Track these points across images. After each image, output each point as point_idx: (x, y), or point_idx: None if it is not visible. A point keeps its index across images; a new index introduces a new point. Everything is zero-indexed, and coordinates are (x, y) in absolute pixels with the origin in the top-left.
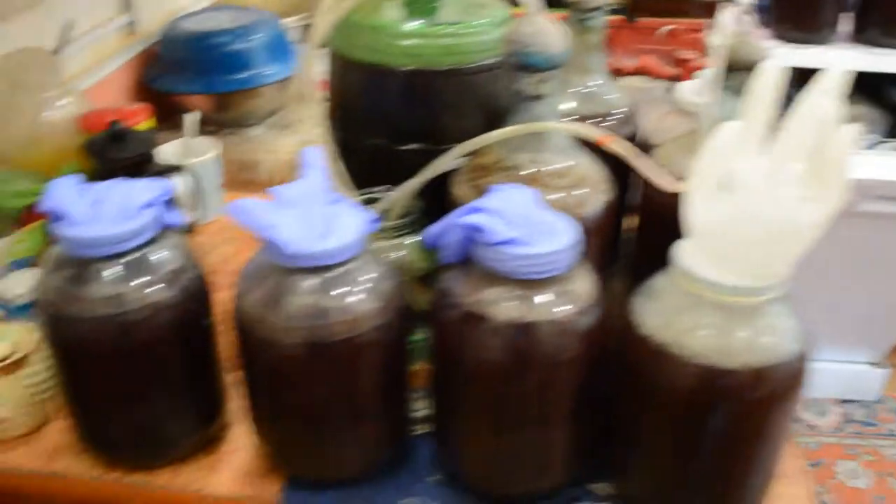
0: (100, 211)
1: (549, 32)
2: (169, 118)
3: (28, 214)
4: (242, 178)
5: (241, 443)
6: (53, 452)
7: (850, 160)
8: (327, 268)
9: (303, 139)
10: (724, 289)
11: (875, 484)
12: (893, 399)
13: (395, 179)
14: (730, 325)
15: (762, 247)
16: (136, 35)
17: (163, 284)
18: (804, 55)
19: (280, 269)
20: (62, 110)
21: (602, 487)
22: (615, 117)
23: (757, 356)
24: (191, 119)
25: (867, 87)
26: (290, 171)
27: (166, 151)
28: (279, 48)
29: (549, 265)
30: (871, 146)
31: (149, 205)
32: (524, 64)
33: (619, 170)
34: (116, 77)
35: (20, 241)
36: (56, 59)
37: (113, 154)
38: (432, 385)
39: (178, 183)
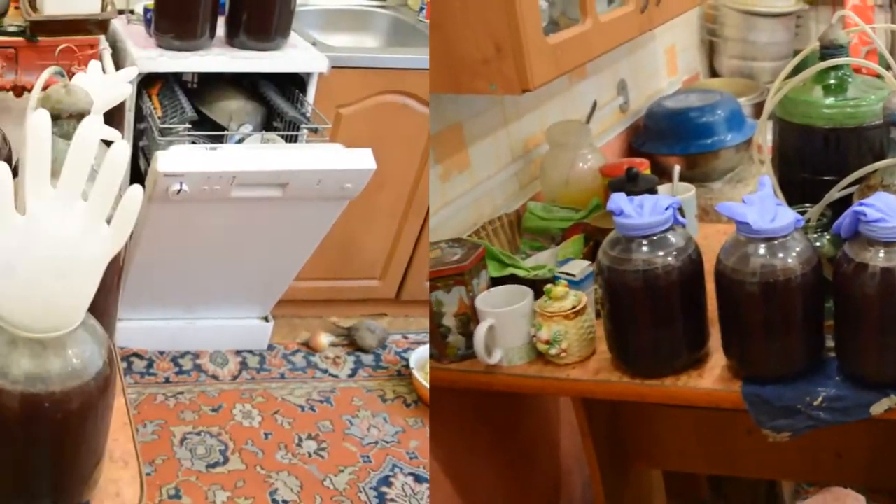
0: (641, 210)
1: None
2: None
3: (567, 232)
4: (709, 219)
5: (716, 362)
6: (596, 370)
7: (120, 179)
8: (774, 238)
9: (751, 191)
10: (24, 326)
11: (264, 421)
12: (281, 346)
13: (815, 199)
14: (44, 355)
15: (53, 282)
16: (627, 112)
17: (674, 254)
18: (185, 62)
19: (747, 239)
20: (589, 163)
21: None
22: None
23: (71, 379)
24: (676, 169)
25: (245, 84)
26: None
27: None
28: (736, 120)
29: None
30: (245, 137)
31: (667, 208)
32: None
33: None
34: (614, 143)
35: (565, 248)
36: (587, 127)
37: (630, 189)
38: (836, 322)
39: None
